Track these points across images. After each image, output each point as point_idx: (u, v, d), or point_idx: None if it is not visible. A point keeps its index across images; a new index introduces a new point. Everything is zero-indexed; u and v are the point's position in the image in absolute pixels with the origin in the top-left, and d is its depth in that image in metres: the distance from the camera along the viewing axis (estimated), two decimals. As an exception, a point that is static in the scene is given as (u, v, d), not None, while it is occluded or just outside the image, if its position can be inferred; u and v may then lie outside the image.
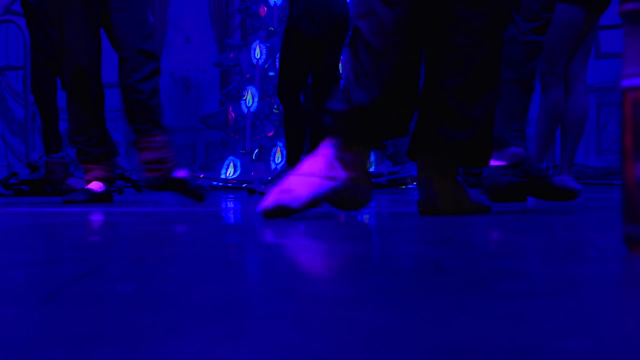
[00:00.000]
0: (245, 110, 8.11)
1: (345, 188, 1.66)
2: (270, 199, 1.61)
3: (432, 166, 1.80)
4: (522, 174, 2.57)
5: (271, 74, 8.00)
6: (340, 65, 4.92)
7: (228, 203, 3.23)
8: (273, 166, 7.63)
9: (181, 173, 3.21)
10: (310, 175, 1.64)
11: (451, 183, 1.80)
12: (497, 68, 1.81)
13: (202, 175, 7.54)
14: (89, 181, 3.16)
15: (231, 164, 7.95)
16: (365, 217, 1.80)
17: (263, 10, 8.13)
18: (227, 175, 7.82)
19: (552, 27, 3.40)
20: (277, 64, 4.84)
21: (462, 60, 1.77)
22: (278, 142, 7.80)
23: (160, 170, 3.15)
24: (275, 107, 7.95)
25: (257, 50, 8.12)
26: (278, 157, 7.73)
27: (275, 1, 8.02)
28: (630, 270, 0.75)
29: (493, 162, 2.56)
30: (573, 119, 3.83)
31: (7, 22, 5.97)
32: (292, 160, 4.73)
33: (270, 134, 7.90)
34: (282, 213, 1.60)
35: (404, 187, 6.37)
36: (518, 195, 2.59)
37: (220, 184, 7.02)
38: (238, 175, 7.76)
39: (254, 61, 8.14)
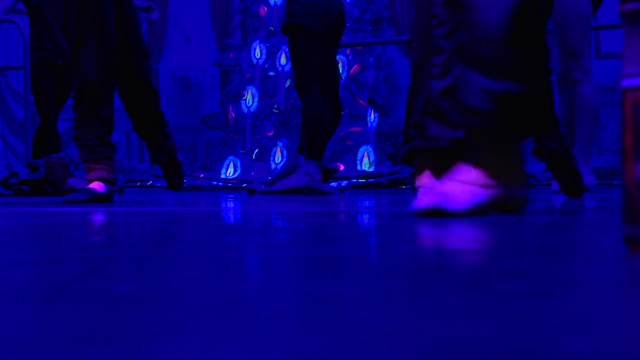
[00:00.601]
0: (245, 110, 8.11)
1: (501, 194, 1.67)
2: (428, 200, 1.59)
3: (430, 167, 1.81)
4: (564, 146, 2.88)
5: (271, 73, 8.01)
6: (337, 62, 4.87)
7: (228, 203, 3.23)
8: (273, 166, 7.63)
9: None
10: (468, 183, 1.65)
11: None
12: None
13: (202, 175, 7.54)
14: (91, 181, 3.15)
15: (231, 164, 7.95)
16: (365, 217, 1.80)
17: (263, 10, 8.14)
18: (227, 175, 7.82)
19: (567, 24, 3.41)
20: (291, 64, 4.77)
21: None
22: (278, 142, 7.80)
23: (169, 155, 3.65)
24: (275, 107, 7.96)
25: (257, 50, 8.12)
26: (278, 157, 7.73)
27: (275, 1, 8.02)
28: (630, 270, 0.75)
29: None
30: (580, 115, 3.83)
31: (7, 22, 5.97)
32: (313, 153, 4.60)
33: (270, 133, 7.90)
34: (440, 215, 1.59)
35: (404, 187, 6.37)
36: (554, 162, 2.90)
37: (220, 183, 7.02)
38: (238, 175, 7.76)
39: (254, 61, 8.13)
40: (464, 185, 1.64)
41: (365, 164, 7.38)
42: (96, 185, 3.13)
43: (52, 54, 5.67)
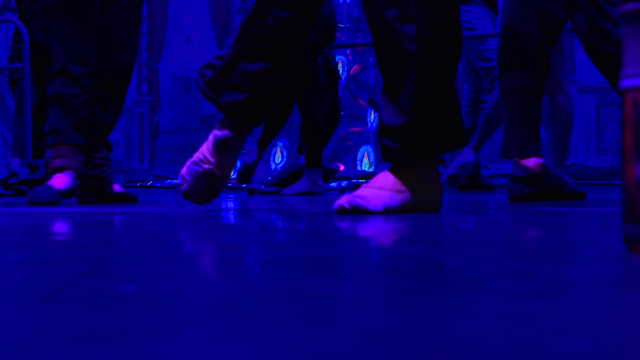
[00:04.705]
0: (245, 110, 8.10)
1: (413, 199, 1.86)
2: (346, 200, 1.80)
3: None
4: (545, 185, 2.70)
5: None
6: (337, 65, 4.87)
7: (228, 203, 3.23)
8: (273, 166, 7.63)
9: (116, 187, 3.18)
10: (381, 188, 1.85)
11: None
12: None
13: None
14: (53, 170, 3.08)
15: (231, 164, 7.94)
16: (364, 217, 1.80)
17: (263, 10, 8.13)
18: (227, 175, 7.80)
19: None
20: None
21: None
22: (278, 142, 7.80)
23: (93, 188, 3.08)
24: (277, 107, 7.95)
25: (257, 50, 8.11)
26: (278, 157, 7.73)
27: (275, 1, 8.01)
28: (630, 270, 0.75)
29: (516, 172, 2.67)
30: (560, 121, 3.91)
31: (7, 22, 5.97)
32: (314, 161, 4.65)
33: (270, 133, 7.90)
34: (360, 212, 1.78)
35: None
36: (537, 200, 2.72)
37: (220, 183, 7.01)
38: (238, 175, 7.75)
39: (254, 61, 8.12)
40: (377, 190, 1.84)
41: (365, 164, 7.38)
42: (56, 181, 2.95)
43: (40, 53, 5.66)
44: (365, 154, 7.47)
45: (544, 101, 3.61)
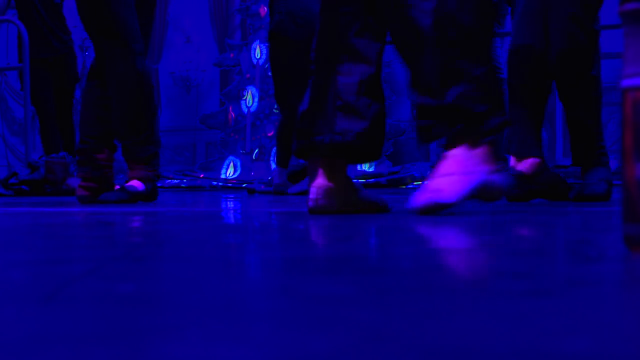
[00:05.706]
0: (245, 110, 8.11)
1: (487, 180, 1.72)
2: (422, 198, 1.69)
3: (322, 164, 1.87)
4: (543, 184, 2.70)
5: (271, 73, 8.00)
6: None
7: (228, 203, 3.23)
8: (273, 166, 7.63)
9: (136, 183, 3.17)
10: (451, 174, 1.70)
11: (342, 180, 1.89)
12: None
13: (202, 175, 7.54)
14: (130, 179, 3.10)
15: (231, 164, 7.95)
16: (365, 216, 1.80)
17: (263, 10, 8.14)
18: (227, 175, 7.82)
19: None
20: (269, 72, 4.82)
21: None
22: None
23: (95, 190, 3.08)
24: (276, 107, 7.95)
25: (257, 50, 8.12)
26: (278, 157, 7.73)
27: (275, 1, 8.01)
28: (630, 270, 0.75)
29: (514, 171, 2.67)
30: None
31: (7, 22, 5.97)
32: (283, 162, 4.74)
33: (270, 133, 7.91)
34: (436, 209, 1.68)
35: (404, 187, 6.37)
36: (535, 198, 2.71)
37: (220, 184, 7.02)
38: (238, 175, 7.76)
39: (254, 61, 8.13)
40: (448, 177, 1.70)
41: (365, 164, 7.37)
42: (135, 183, 3.02)
43: (40, 51, 5.67)
44: (365, 153, 7.46)
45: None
